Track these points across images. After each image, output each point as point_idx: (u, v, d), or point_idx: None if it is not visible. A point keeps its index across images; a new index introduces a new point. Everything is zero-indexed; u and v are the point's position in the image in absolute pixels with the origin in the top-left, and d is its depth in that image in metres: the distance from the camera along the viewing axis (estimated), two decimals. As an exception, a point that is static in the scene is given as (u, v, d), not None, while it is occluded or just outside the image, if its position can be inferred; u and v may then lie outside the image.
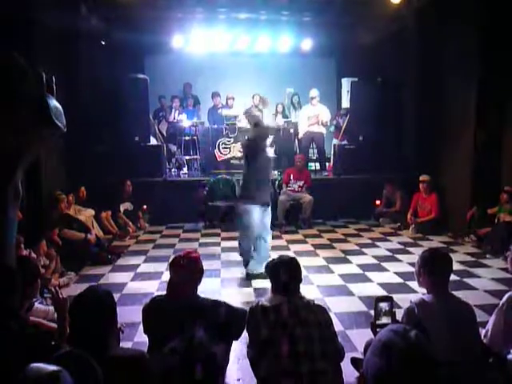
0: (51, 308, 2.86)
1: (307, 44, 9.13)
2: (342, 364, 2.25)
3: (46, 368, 1.14)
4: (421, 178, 6.64)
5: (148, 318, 2.29)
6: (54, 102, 1.41)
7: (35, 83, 1.37)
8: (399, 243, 5.98)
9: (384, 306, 2.07)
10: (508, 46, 5.57)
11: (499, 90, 5.81)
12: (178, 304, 2.18)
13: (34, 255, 3.80)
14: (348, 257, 5.30)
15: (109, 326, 1.77)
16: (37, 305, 2.91)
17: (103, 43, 7.63)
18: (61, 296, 2.22)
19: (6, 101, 1.34)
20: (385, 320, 2.05)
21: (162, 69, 9.30)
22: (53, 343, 2.09)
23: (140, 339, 2.36)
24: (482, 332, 2.28)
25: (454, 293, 2.25)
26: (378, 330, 2.05)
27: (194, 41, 8.90)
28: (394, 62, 7.91)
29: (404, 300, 3.27)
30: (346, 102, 8.39)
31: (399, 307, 2.74)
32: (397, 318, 2.13)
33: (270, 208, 4.64)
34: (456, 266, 4.77)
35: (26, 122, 1.36)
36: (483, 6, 5.75)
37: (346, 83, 8.38)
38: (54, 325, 2.60)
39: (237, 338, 2.40)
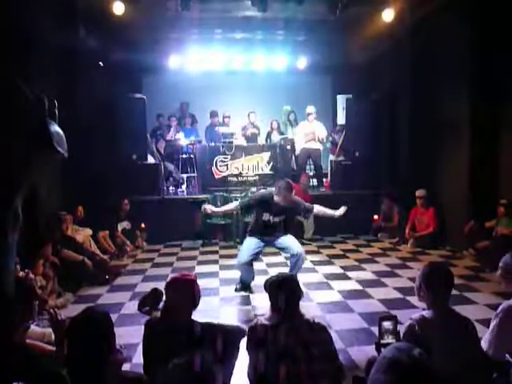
0: (48, 330, 2.82)
1: (302, 62, 9.28)
2: (343, 383, 2.22)
3: None
4: (417, 194, 6.67)
5: (143, 341, 2.25)
6: (55, 128, 1.41)
7: (36, 109, 1.38)
8: (398, 258, 5.97)
9: (388, 324, 2.05)
10: (502, 59, 5.67)
11: (493, 103, 5.89)
12: (173, 327, 2.12)
13: (31, 276, 3.76)
14: (347, 273, 5.28)
15: (106, 349, 1.75)
16: (33, 327, 2.87)
17: (101, 64, 7.72)
18: (59, 317, 2.19)
19: (7, 128, 1.34)
20: (389, 339, 2.03)
21: (159, 88, 9.41)
22: (50, 367, 2.05)
23: (139, 360, 2.33)
24: (482, 342, 2.26)
25: (454, 307, 2.24)
26: (382, 349, 2.03)
27: (190, 60, 9.04)
28: (388, 78, 8.04)
29: (404, 316, 3.24)
30: (341, 119, 8.49)
31: (400, 323, 2.72)
32: (400, 336, 2.11)
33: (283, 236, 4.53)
34: (455, 280, 4.73)
35: (27, 149, 1.36)
36: (476, 20, 5.88)
37: (341, 100, 8.50)
38: (51, 347, 2.57)
39: (235, 358, 2.35)
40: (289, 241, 4.52)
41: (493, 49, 5.72)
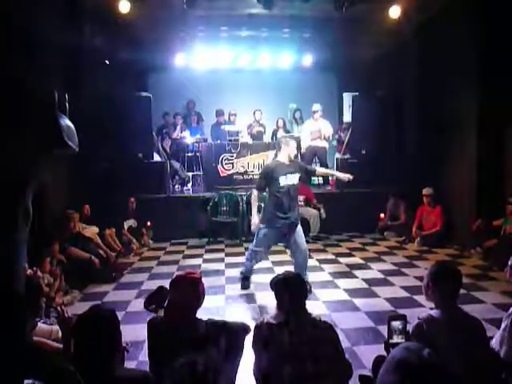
0: (55, 327, 2.84)
1: (308, 60, 9.25)
2: (350, 382, 2.21)
3: None
4: (424, 192, 6.63)
5: (148, 341, 2.24)
6: (66, 122, 1.38)
7: (47, 103, 1.35)
8: (405, 257, 5.93)
9: (397, 324, 2.03)
10: (508, 58, 5.61)
11: (500, 102, 5.82)
12: (177, 326, 2.10)
13: (39, 274, 3.78)
14: (353, 271, 5.26)
15: (112, 347, 1.75)
16: (40, 324, 2.89)
17: (107, 63, 7.74)
18: (66, 315, 2.20)
19: (16, 122, 1.32)
20: (398, 339, 2.02)
21: (165, 86, 9.43)
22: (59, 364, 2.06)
23: (145, 358, 2.33)
24: (492, 341, 2.24)
25: (462, 306, 2.22)
26: (391, 349, 2.02)
27: (196, 58, 9.04)
28: (394, 75, 7.98)
29: (412, 314, 3.22)
30: (347, 117, 8.45)
31: (408, 322, 2.70)
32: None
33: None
34: (463, 279, 4.71)
35: (37, 144, 1.33)
36: (482, 20, 5.82)
37: (347, 98, 8.45)
38: (58, 345, 2.58)
39: (240, 356, 2.34)
40: (301, 235, 4.46)
41: (499, 47, 5.65)
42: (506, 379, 2.20)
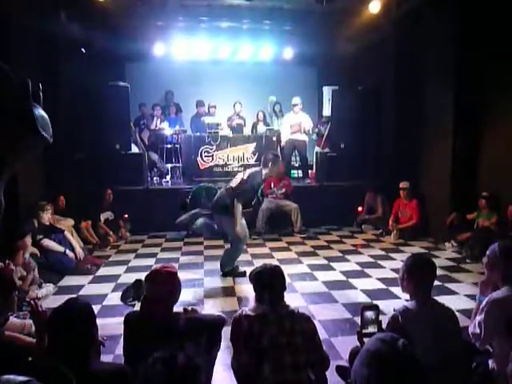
0: (28, 322, 2.77)
1: (289, 53, 9.23)
2: (327, 372, 2.24)
3: (16, 378, 1.09)
4: (400, 185, 6.74)
5: (124, 336, 2.21)
6: (40, 112, 1.32)
7: (20, 91, 1.28)
8: (381, 249, 6.03)
9: (370, 314, 2.06)
10: (484, 54, 5.73)
11: (476, 98, 5.96)
12: (153, 321, 2.08)
13: (12, 267, 3.67)
14: (331, 264, 5.32)
15: (88, 340, 1.71)
16: (12, 319, 2.81)
17: (83, 51, 7.53)
18: (40, 309, 2.15)
19: None
20: (371, 329, 2.05)
21: (143, 76, 9.26)
22: (30, 359, 2.01)
23: (121, 352, 2.30)
24: (470, 326, 2.29)
25: (436, 298, 2.27)
26: (364, 339, 2.04)
27: (175, 49, 8.90)
28: (373, 70, 8.05)
29: (388, 306, 3.28)
30: (327, 110, 8.49)
31: (383, 313, 2.75)
32: (382, 326, 2.13)
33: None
34: (437, 271, 4.82)
35: (9, 134, 1.27)
36: (461, 17, 5.92)
37: (327, 91, 8.48)
38: (31, 339, 2.52)
39: (216, 349, 2.33)
40: None
41: (477, 45, 5.76)
42: (475, 368, 2.26)
